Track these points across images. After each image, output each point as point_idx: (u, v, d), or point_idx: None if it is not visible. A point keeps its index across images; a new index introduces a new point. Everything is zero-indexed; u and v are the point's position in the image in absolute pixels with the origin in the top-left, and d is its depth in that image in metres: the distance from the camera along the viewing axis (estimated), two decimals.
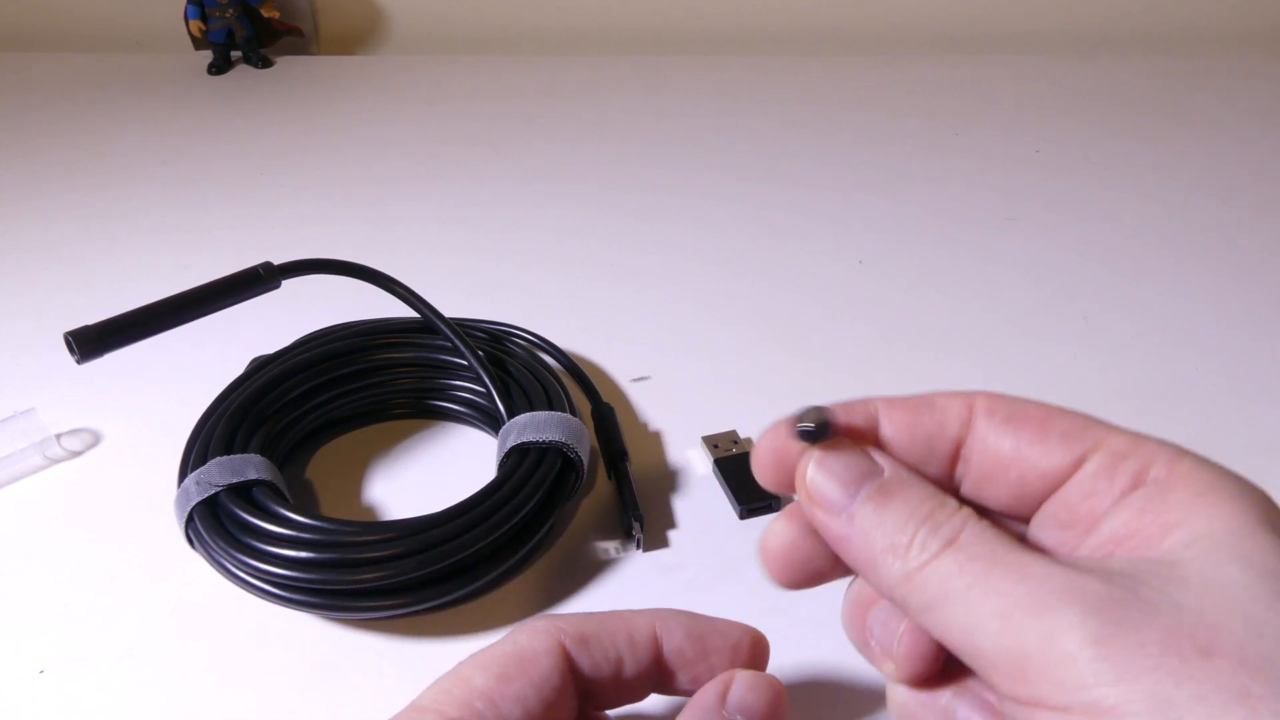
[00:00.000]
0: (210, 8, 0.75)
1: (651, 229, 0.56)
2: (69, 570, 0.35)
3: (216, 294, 0.35)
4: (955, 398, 0.23)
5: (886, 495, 0.22)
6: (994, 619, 0.19)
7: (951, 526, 0.21)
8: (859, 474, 0.22)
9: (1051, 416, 0.22)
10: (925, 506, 0.21)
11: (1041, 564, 0.19)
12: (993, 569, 0.20)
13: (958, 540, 0.20)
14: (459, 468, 0.39)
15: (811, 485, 0.23)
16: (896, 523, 0.21)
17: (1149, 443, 0.21)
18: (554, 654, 0.23)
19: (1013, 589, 0.19)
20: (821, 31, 0.84)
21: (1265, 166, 0.62)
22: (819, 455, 0.23)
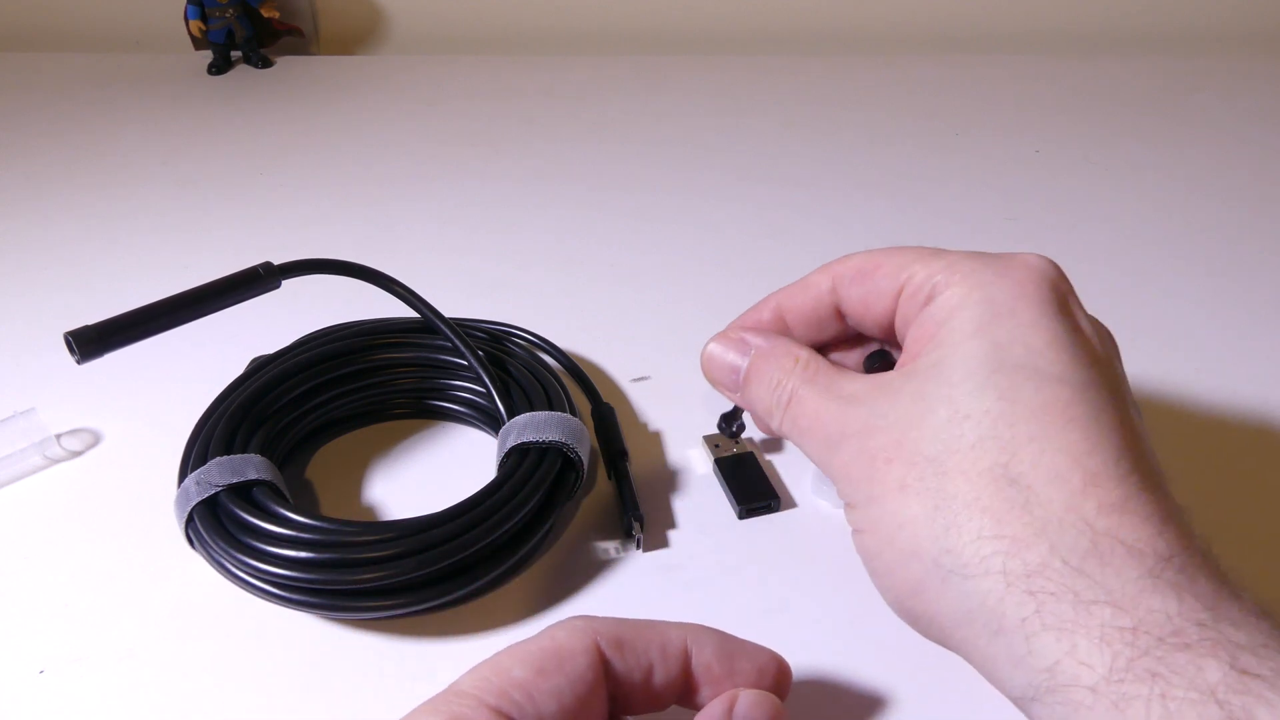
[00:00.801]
0: (210, 8, 0.75)
1: (651, 229, 0.56)
2: (69, 570, 0.35)
3: (216, 294, 0.35)
4: (821, 272, 0.30)
5: (753, 370, 0.30)
6: (815, 454, 0.27)
7: (789, 389, 0.28)
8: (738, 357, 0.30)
9: (878, 263, 0.29)
10: (776, 374, 0.29)
11: (833, 411, 0.27)
12: (811, 420, 0.27)
13: (792, 400, 0.28)
14: (459, 468, 0.39)
15: (710, 375, 0.32)
16: (762, 391, 0.29)
17: (940, 261, 0.27)
18: (590, 653, 0.24)
19: (819, 433, 0.27)
20: (821, 31, 0.84)
21: (1265, 166, 0.62)
22: (710, 349, 0.31)
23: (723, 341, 0.31)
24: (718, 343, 0.31)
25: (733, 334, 0.31)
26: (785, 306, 0.31)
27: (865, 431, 0.25)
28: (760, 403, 0.29)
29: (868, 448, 0.25)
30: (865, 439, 0.25)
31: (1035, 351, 0.24)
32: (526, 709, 0.22)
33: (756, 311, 0.32)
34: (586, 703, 0.23)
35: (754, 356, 0.30)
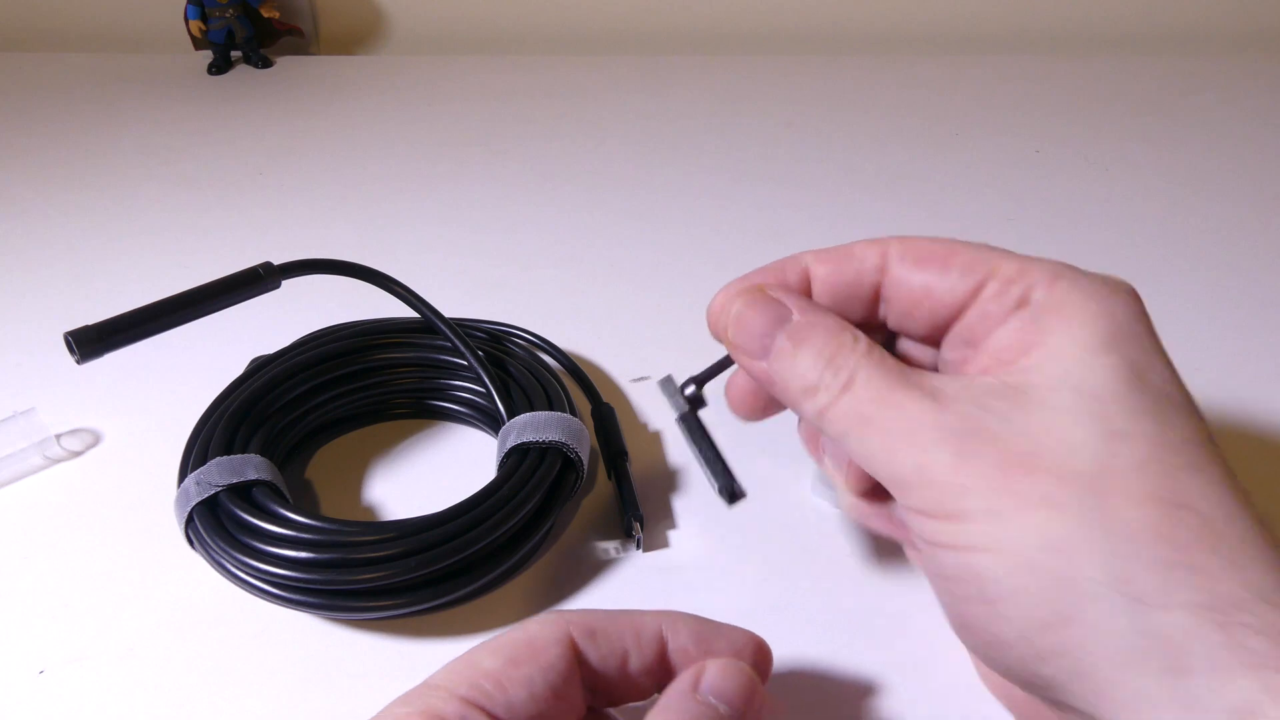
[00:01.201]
0: (210, 8, 0.75)
1: (652, 229, 0.56)
2: (69, 570, 0.35)
3: (216, 294, 0.35)
4: (872, 245, 0.27)
5: (797, 340, 0.25)
6: (880, 451, 0.23)
7: (848, 369, 0.24)
8: (772, 321, 0.26)
9: (954, 251, 0.25)
10: (829, 348, 0.25)
11: (917, 401, 0.23)
12: (880, 409, 0.23)
13: (854, 382, 0.24)
14: (459, 468, 0.39)
15: (734, 337, 0.27)
16: (806, 366, 0.25)
17: (1035, 265, 0.24)
18: (562, 643, 0.24)
19: (893, 425, 0.23)
20: (821, 31, 0.84)
21: (1265, 166, 0.62)
22: (738, 308, 0.26)
23: (752, 299, 0.26)
24: (745, 299, 0.26)
25: (767, 291, 0.26)
26: (818, 274, 0.27)
27: (978, 434, 0.22)
28: (801, 379, 0.25)
29: (989, 454, 0.22)
30: (981, 443, 0.22)
31: (1167, 380, 0.23)
32: (497, 698, 0.22)
33: (779, 271, 0.27)
34: (559, 691, 0.23)
35: (798, 323, 0.25)
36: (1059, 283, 0.24)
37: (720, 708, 0.24)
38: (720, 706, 0.24)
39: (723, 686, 0.24)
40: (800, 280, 0.27)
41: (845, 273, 0.27)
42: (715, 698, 0.24)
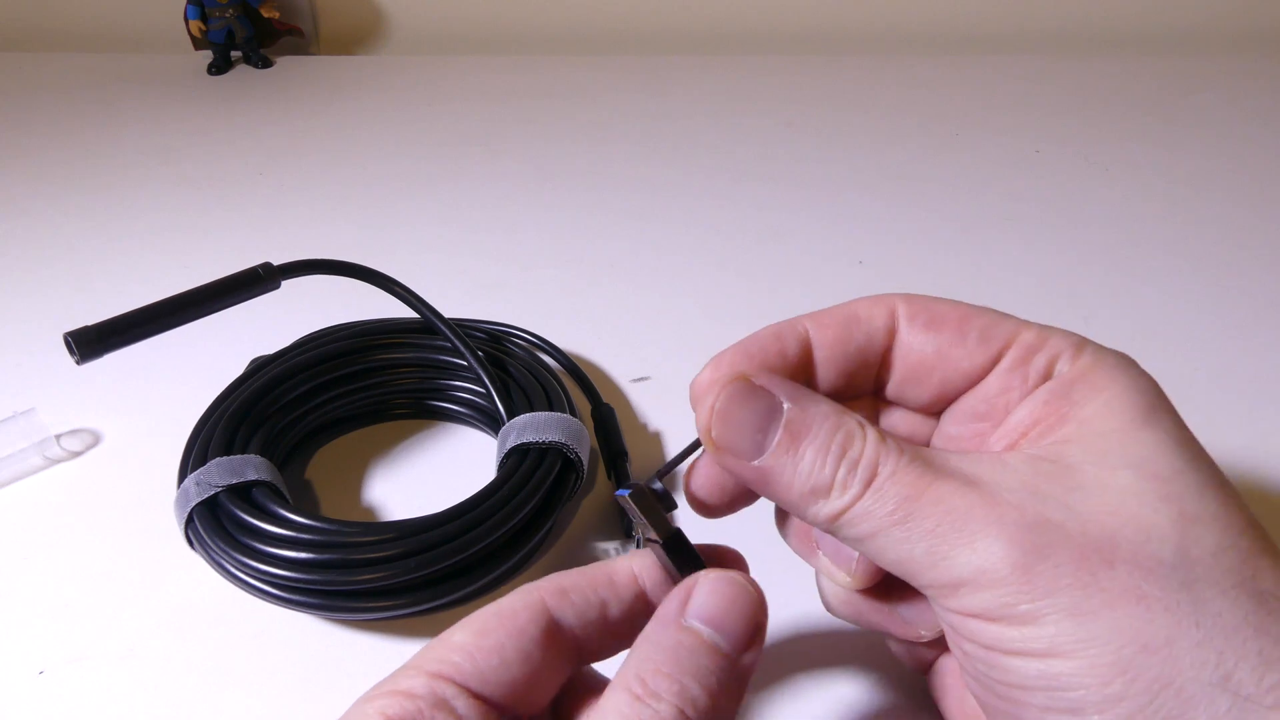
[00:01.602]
0: (210, 8, 0.75)
1: (652, 229, 0.56)
2: (69, 570, 0.35)
3: (216, 294, 0.35)
4: (877, 304, 0.24)
5: (796, 436, 0.22)
6: (924, 555, 0.21)
7: (867, 462, 0.22)
8: (762, 416, 0.22)
9: (967, 316, 0.24)
10: (836, 440, 0.22)
11: (960, 494, 0.21)
12: (915, 504, 0.21)
13: (876, 477, 0.21)
14: (459, 468, 0.39)
15: (718, 439, 0.23)
16: (812, 463, 0.22)
17: (1055, 336, 0.23)
18: (532, 609, 0.23)
19: (936, 525, 0.21)
20: (821, 31, 0.84)
21: (1266, 167, 0.62)
22: (721, 406, 0.23)
23: (736, 391, 0.23)
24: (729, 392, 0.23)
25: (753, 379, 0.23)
26: (820, 341, 0.24)
27: (1043, 527, 0.20)
28: (807, 479, 0.22)
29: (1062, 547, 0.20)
30: (1050, 535, 0.20)
31: (1199, 455, 0.21)
32: (466, 668, 0.22)
33: (776, 338, 0.24)
34: (532, 656, 0.23)
35: (793, 414, 0.22)
36: (1083, 354, 0.23)
37: (711, 636, 0.22)
38: (710, 635, 0.22)
39: (714, 609, 0.22)
40: (799, 350, 0.24)
41: (853, 338, 0.24)
42: (706, 624, 0.22)
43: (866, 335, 0.24)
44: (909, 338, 0.24)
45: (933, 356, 0.24)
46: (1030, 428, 0.22)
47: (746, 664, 0.22)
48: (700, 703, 0.21)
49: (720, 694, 0.21)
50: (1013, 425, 0.23)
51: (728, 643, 0.22)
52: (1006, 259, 0.53)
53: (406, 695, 0.22)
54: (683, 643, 0.21)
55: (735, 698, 0.22)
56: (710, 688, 0.21)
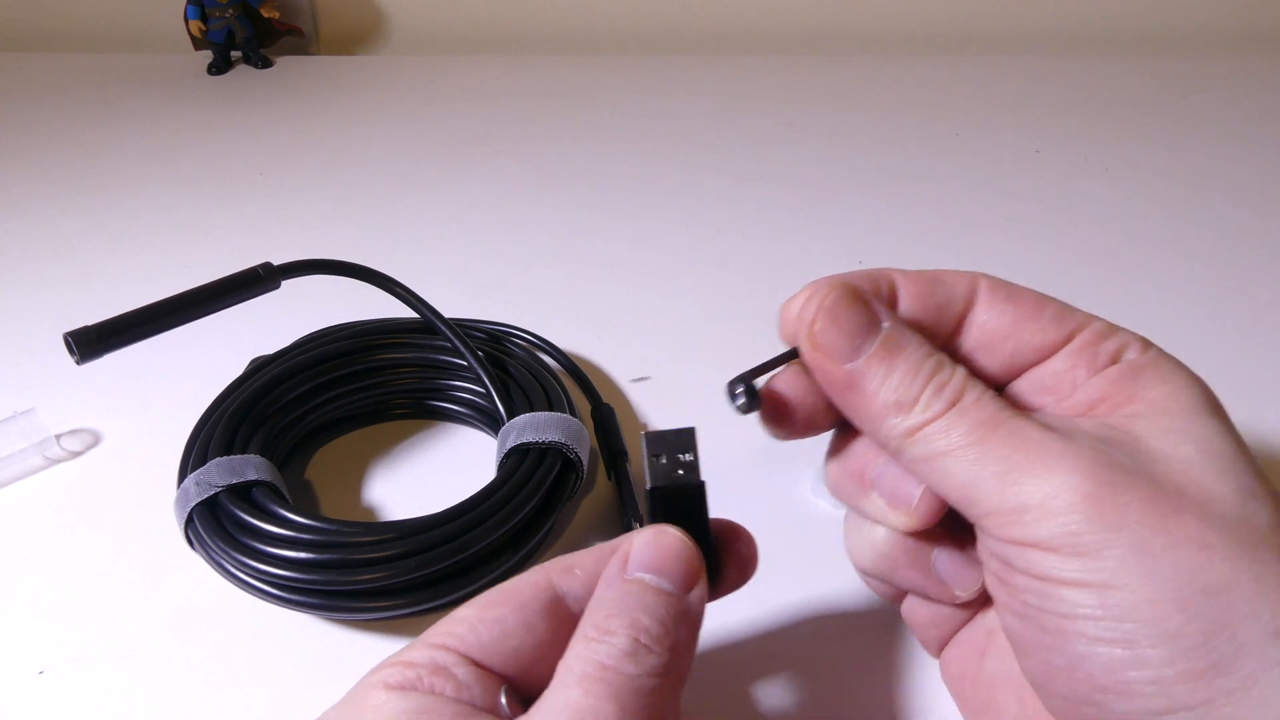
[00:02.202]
0: (210, 8, 0.75)
1: (652, 229, 0.56)
2: (69, 570, 0.35)
3: (216, 294, 0.35)
4: (962, 275, 0.26)
5: (892, 350, 0.23)
6: (994, 477, 0.22)
7: (954, 387, 0.23)
8: (864, 325, 0.24)
9: (1043, 300, 0.25)
10: (928, 364, 0.23)
11: (1036, 429, 0.22)
12: (993, 431, 0.22)
13: (961, 401, 0.23)
14: (459, 468, 0.39)
15: (819, 334, 0.24)
16: (902, 378, 0.23)
17: (1123, 330, 0.25)
18: (537, 585, 0.24)
19: (1011, 452, 0.22)
20: (821, 31, 0.84)
21: (1266, 167, 0.62)
22: (828, 305, 0.24)
23: (846, 295, 0.24)
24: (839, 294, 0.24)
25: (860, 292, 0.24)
26: (906, 293, 0.25)
27: (1116, 468, 0.21)
28: (895, 390, 0.23)
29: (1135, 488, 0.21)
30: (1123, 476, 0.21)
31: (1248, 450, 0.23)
32: (469, 639, 0.23)
33: (869, 281, 0.25)
34: (536, 628, 0.23)
35: (891, 332, 0.24)
36: (1151, 348, 0.24)
37: (654, 581, 0.23)
38: (653, 580, 0.23)
39: (651, 557, 0.23)
40: (888, 294, 0.25)
41: (935, 296, 0.25)
42: (648, 572, 0.23)
43: (949, 297, 0.25)
44: (988, 307, 0.25)
45: (1009, 326, 0.25)
46: (1097, 404, 0.23)
47: (693, 601, 0.23)
48: (653, 630, 0.22)
49: (672, 625, 0.22)
50: (1079, 400, 0.24)
51: (671, 584, 0.23)
52: (1006, 259, 0.53)
53: (407, 664, 0.23)
54: (629, 590, 0.23)
55: (689, 634, 0.23)
56: (661, 619, 0.22)
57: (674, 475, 0.26)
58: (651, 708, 0.21)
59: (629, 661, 0.21)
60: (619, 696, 0.21)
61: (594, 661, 0.21)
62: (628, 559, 0.24)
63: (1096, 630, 0.20)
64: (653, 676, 0.22)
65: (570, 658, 0.22)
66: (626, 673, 0.21)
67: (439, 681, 0.22)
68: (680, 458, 0.26)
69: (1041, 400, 0.25)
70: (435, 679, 0.22)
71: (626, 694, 0.21)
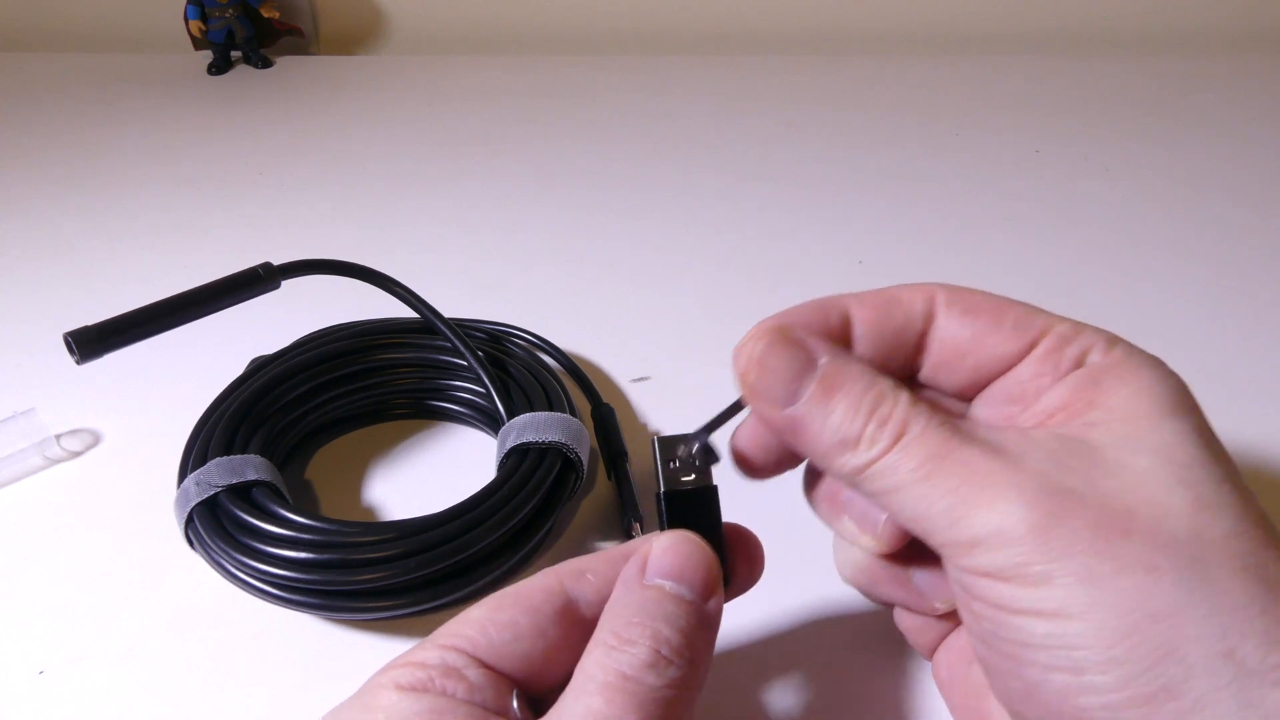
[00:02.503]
0: (210, 8, 0.75)
1: (652, 229, 0.56)
2: (69, 570, 0.35)
3: (216, 294, 0.35)
4: (917, 291, 0.25)
5: (829, 389, 0.23)
6: (943, 513, 0.21)
7: (896, 420, 0.22)
8: (797, 368, 0.24)
9: (1003, 307, 0.25)
10: (868, 397, 0.23)
11: (983, 458, 0.22)
12: (940, 464, 0.22)
13: (904, 434, 0.22)
14: (459, 468, 0.39)
15: (755, 384, 0.24)
16: (843, 416, 0.23)
17: (1088, 329, 0.24)
18: (549, 589, 0.24)
19: (959, 484, 0.21)
20: (821, 31, 0.84)
21: (1266, 167, 0.62)
22: (759, 353, 0.24)
23: (775, 339, 0.24)
24: (767, 340, 0.24)
25: (793, 333, 0.24)
26: (860, 318, 0.25)
27: (1064, 493, 0.21)
28: (836, 430, 0.23)
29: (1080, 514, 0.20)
30: (1070, 502, 0.21)
31: (1219, 451, 0.22)
32: (479, 641, 0.23)
33: (818, 311, 0.25)
34: (547, 631, 0.23)
35: (828, 368, 0.23)
36: (1115, 348, 0.24)
37: (674, 588, 0.23)
38: (673, 587, 0.23)
39: (671, 564, 0.23)
40: (840, 324, 0.25)
41: (892, 319, 0.25)
42: (667, 579, 0.23)
43: (905, 318, 0.25)
44: (947, 323, 0.25)
45: (968, 341, 0.24)
46: (1058, 411, 0.23)
47: (712, 609, 0.23)
48: (674, 641, 0.22)
49: (692, 635, 0.22)
50: (1041, 408, 0.23)
51: (691, 591, 0.23)
52: (1006, 259, 0.53)
53: (419, 665, 0.23)
54: (649, 597, 0.23)
55: (707, 643, 0.23)
56: (681, 629, 0.22)
57: (686, 480, 0.26)
58: (670, 718, 0.21)
59: (650, 673, 0.21)
60: (640, 707, 0.21)
61: (615, 671, 0.21)
62: (646, 563, 0.24)
63: (1048, 658, 0.20)
64: (673, 688, 0.22)
65: (590, 664, 0.22)
66: (648, 684, 0.21)
67: (450, 683, 0.22)
68: (692, 462, 0.27)
69: (1008, 410, 0.24)
70: (447, 680, 0.22)
71: (648, 704, 0.21)
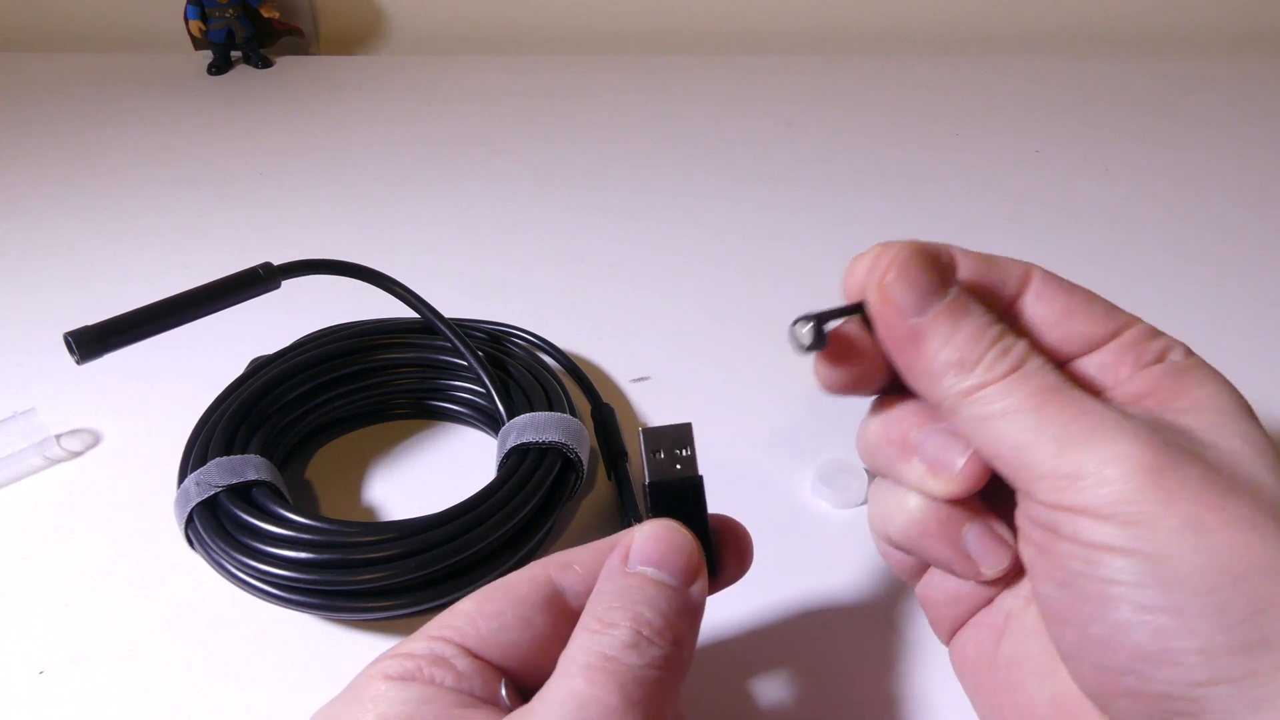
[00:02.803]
0: (210, 8, 0.75)
1: (652, 229, 0.56)
2: (69, 570, 0.35)
3: (216, 294, 0.35)
4: (1016, 262, 0.26)
5: (958, 313, 0.24)
6: (1051, 440, 0.22)
7: (1017, 353, 0.23)
8: (933, 284, 0.24)
9: (1093, 297, 0.26)
10: (993, 329, 0.24)
11: (1095, 402, 0.22)
12: (1053, 398, 0.22)
13: (1023, 367, 0.23)
14: (459, 468, 0.39)
15: (889, 286, 0.24)
16: (967, 339, 0.23)
17: (1168, 336, 0.26)
18: (535, 580, 0.25)
19: (1071, 419, 0.22)
20: (821, 31, 0.84)
21: (1266, 167, 0.62)
22: (901, 260, 0.24)
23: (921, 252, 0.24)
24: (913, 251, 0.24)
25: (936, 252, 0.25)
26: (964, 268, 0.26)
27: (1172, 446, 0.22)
28: (958, 349, 0.23)
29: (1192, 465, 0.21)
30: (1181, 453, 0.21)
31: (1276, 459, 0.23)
32: (468, 631, 0.23)
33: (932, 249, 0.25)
34: (534, 622, 0.24)
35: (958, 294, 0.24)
36: (1193, 355, 0.25)
37: (656, 574, 0.23)
38: (654, 573, 0.23)
39: (653, 551, 0.24)
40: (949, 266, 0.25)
41: (991, 276, 0.26)
42: (649, 566, 0.23)
43: (1002, 280, 0.26)
44: (1039, 296, 0.26)
45: (1058, 316, 0.25)
46: (1144, 397, 0.24)
47: (695, 595, 0.23)
48: (655, 623, 0.22)
49: (673, 618, 0.23)
50: (1125, 392, 0.24)
51: (673, 577, 0.23)
52: None
53: (406, 655, 0.23)
54: (630, 584, 0.23)
55: (690, 628, 0.23)
56: (663, 611, 0.23)
57: (672, 470, 0.27)
58: (653, 698, 0.22)
59: (632, 653, 0.22)
60: (622, 686, 0.21)
61: (597, 653, 0.22)
62: (629, 553, 0.24)
63: (1143, 598, 0.21)
64: (655, 668, 0.22)
65: (573, 648, 0.22)
66: (629, 663, 0.22)
67: (439, 672, 0.23)
68: (678, 453, 0.27)
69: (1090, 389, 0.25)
70: (435, 669, 0.23)
71: (630, 684, 0.21)
